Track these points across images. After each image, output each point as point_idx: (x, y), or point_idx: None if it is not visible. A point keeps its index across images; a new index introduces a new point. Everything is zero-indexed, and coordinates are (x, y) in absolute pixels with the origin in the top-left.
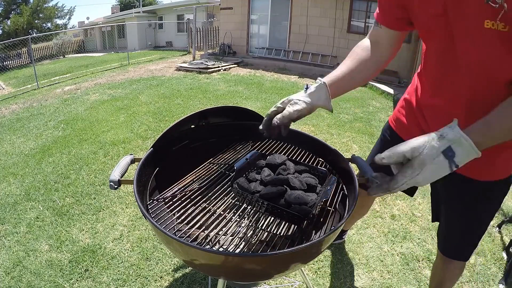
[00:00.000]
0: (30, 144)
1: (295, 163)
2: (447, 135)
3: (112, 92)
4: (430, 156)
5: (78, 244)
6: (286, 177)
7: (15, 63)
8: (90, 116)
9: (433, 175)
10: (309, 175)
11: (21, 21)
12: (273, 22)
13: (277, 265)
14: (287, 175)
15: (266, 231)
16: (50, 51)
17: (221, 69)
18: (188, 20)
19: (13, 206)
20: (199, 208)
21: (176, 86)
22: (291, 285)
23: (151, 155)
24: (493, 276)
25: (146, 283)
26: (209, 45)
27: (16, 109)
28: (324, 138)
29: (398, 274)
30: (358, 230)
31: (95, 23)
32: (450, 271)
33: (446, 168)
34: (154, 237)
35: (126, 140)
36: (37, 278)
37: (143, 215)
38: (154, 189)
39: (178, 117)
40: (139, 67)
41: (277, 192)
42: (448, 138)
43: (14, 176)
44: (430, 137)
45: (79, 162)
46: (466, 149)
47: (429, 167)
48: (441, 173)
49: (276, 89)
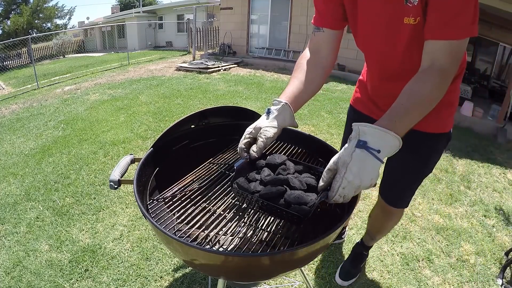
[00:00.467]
0: (30, 144)
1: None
2: (353, 132)
3: (112, 92)
4: (347, 153)
5: (78, 244)
6: (286, 177)
7: (15, 63)
8: (90, 116)
9: (361, 169)
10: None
11: (21, 21)
12: (273, 22)
13: (277, 265)
14: (286, 175)
15: (266, 231)
16: (50, 51)
17: (221, 69)
18: (188, 20)
19: (13, 206)
20: (199, 208)
21: (176, 86)
22: (291, 285)
23: (151, 155)
24: (493, 276)
25: (146, 283)
26: (209, 45)
27: (16, 109)
28: (324, 138)
29: (398, 274)
30: (358, 230)
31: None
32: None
33: (369, 158)
34: (154, 237)
35: (126, 140)
36: (37, 278)
37: (143, 215)
38: (154, 189)
39: (178, 117)
40: (139, 67)
41: (276, 192)
42: (353, 136)
43: (14, 176)
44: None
45: (79, 162)
46: (373, 132)
47: (352, 163)
48: (368, 164)
49: (276, 89)
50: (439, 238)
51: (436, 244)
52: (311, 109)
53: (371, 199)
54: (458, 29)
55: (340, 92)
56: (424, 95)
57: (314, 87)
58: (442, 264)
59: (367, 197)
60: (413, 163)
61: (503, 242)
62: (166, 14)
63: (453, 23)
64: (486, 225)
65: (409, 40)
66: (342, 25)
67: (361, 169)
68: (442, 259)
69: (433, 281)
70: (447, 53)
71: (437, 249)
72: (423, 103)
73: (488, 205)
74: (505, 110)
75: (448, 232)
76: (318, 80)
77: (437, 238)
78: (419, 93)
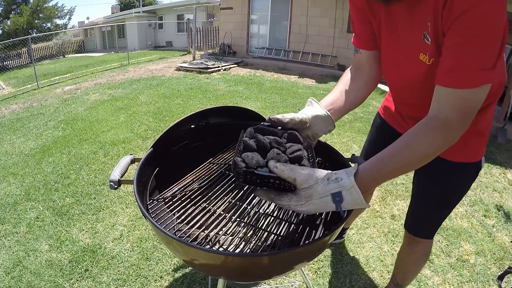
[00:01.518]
0: (30, 144)
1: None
2: (341, 180)
3: (112, 92)
4: (319, 193)
5: (78, 244)
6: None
7: (15, 63)
8: (90, 116)
9: (317, 209)
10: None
11: (21, 21)
12: (273, 22)
13: (277, 265)
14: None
15: (266, 231)
16: (50, 51)
17: (221, 69)
18: (188, 20)
19: (13, 206)
20: (199, 208)
21: (176, 86)
22: (291, 285)
23: (151, 155)
24: (493, 276)
25: (146, 283)
26: (209, 45)
27: (16, 109)
28: (324, 138)
29: None
30: (358, 230)
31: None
32: (415, 253)
33: (331, 207)
34: (154, 237)
35: (126, 140)
36: (37, 278)
37: (143, 215)
38: (154, 189)
39: (178, 117)
40: (139, 67)
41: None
42: (341, 184)
43: (14, 176)
44: (326, 176)
45: (79, 162)
46: (354, 198)
47: (315, 202)
48: (325, 210)
49: (276, 89)
50: (439, 238)
51: (436, 244)
52: None
53: (371, 199)
54: (467, 76)
55: None
56: (418, 152)
57: (352, 96)
58: (442, 264)
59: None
60: (436, 193)
61: (503, 242)
62: (166, 14)
63: (462, 68)
64: (486, 225)
65: (425, 79)
66: (376, 46)
67: (317, 210)
68: (442, 259)
69: (433, 281)
70: (455, 104)
71: (437, 249)
72: (415, 161)
73: (488, 205)
74: (505, 110)
75: (448, 232)
76: (357, 91)
77: (437, 238)
78: (413, 148)
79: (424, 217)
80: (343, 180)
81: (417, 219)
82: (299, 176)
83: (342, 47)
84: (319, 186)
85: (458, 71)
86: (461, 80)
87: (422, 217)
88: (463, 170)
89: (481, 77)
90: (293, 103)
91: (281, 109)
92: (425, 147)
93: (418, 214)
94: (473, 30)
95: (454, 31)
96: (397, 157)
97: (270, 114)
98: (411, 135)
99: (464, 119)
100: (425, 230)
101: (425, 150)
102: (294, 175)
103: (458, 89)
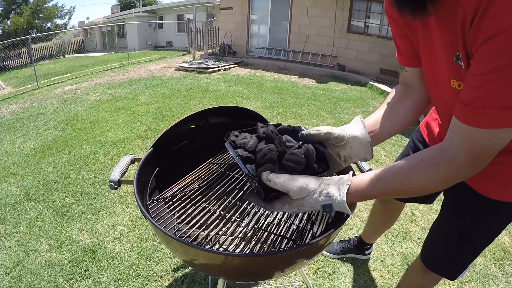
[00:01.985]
0: (30, 144)
1: None
2: (333, 196)
3: (112, 92)
4: (310, 204)
5: (78, 244)
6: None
7: (15, 63)
8: (90, 116)
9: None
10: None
11: (21, 21)
12: (273, 22)
13: (277, 265)
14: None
15: (266, 231)
16: (50, 51)
17: (221, 69)
18: (188, 20)
19: (13, 206)
20: (199, 208)
21: (176, 86)
22: (291, 285)
23: (151, 155)
24: (493, 276)
25: (146, 283)
26: (209, 45)
27: (16, 109)
28: None
29: (398, 274)
30: (358, 230)
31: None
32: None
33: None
34: (154, 237)
35: (126, 140)
36: (37, 278)
37: (143, 215)
38: (154, 189)
39: (178, 117)
40: (139, 67)
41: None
42: (333, 200)
43: (14, 176)
44: (318, 189)
45: (79, 162)
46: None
47: (306, 209)
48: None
49: (276, 89)
50: None
51: None
52: (311, 109)
53: (371, 199)
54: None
55: (340, 92)
56: (415, 184)
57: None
58: None
59: None
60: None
61: (503, 242)
62: (166, 14)
63: (482, 103)
64: None
65: None
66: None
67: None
68: None
69: None
70: (467, 143)
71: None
72: (409, 191)
73: None
74: None
75: None
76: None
77: None
78: (411, 179)
79: (441, 250)
80: (335, 197)
81: (432, 249)
82: (292, 189)
83: (342, 47)
84: (311, 198)
85: (477, 106)
86: (479, 117)
87: (438, 249)
88: (497, 209)
89: (505, 118)
90: (293, 103)
91: (281, 109)
92: (423, 181)
93: (432, 243)
94: (502, 58)
95: (480, 57)
96: (391, 183)
97: (270, 113)
98: (412, 164)
99: (474, 161)
100: (440, 265)
101: (423, 184)
102: (287, 188)
103: (472, 127)
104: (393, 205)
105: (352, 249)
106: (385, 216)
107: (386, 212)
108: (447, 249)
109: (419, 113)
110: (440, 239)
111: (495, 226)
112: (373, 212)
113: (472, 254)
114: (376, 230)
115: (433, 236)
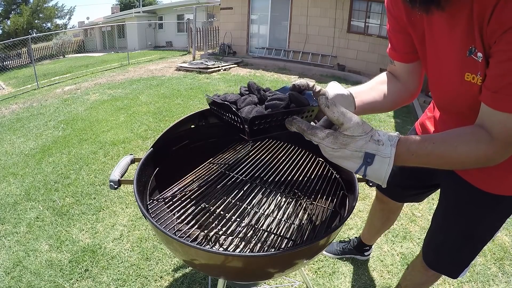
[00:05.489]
0: (30, 144)
1: None
2: (382, 145)
3: (112, 92)
4: (356, 146)
5: (78, 244)
6: None
7: (15, 63)
8: (90, 116)
9: (341, 160)
10: None
11: (21, 21)
12: (273, 22)
13: (277, 265)
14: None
15: (266, 231)
16: (50, 51)
17: (221, 69)
18: (188, 20)
19: (13, 206)
20: (199, 208)
21: (176, 86)
22: (291, 285)
23: (151, 155)
24: (493, 276)
25: (146, 283)
26: (209, 45)
27: (16, 109)
28: None
29: (398, 274)
30: (358, 230)
31: (95, 23)
32: (428, 276)
33: (354, 166)
34: (154, 237)
35: (126, 140)
36: (37, 278)
37: (143, 215)
38: (154, 189)
39: (178, 117)
40: (139, 67)
41: None
42: (380, 149)
43: (14, 176)
44: (370, 132)
45: (79, 162)
46: (381, 169)
47: (346, 152)
48: (345, 165)
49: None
50: None
51: None
52: None
53: (370, 199)
54: None
55: None
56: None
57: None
58: None
59: (367, 197)
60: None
61: (503, 242)
62: (166, 14)
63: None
64: None
65: (473, 104)
66: (413, 58)
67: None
68: None
69: None
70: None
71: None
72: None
73: None
74: None
75: None
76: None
77: None
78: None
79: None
80: (384, 146)
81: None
82: (348, 122)
83: (342, 47)
84: (361, 139)
85: (507, 93)
86: (508, 102)
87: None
88: (498, 203)
89: None
90: None
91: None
92: (466, 154)
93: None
94: None
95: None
96: (439, 146)
97: None
98: (457, 135)
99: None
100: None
101: (465, 156)
102: (343, 119)
103: (506, 113)
104: (390, 206)
105: (351, 250)
106: (383, 217)
107: (383, 213)
108: (448, 246)
109: (402, 101)
110: (440, 236)
111: (494, 221)
112: (371, 213)
113: (473, 251)
114: (375, 231)
115: (433, 234)
